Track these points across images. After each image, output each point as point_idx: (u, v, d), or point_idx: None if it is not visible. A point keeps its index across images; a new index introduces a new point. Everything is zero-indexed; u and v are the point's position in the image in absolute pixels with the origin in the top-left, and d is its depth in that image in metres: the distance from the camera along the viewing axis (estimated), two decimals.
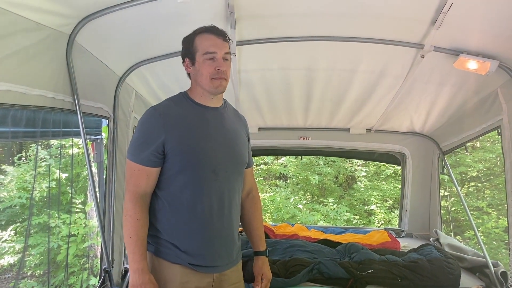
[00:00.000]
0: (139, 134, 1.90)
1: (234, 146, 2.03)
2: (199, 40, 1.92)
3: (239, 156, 2.04)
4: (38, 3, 1.89)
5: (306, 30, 2.75)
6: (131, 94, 3.31)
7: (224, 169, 1.95)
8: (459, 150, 7.00)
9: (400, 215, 4.90)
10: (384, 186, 12.18)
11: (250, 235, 2.28)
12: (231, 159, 1.99)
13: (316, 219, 10.97)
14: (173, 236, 1.89)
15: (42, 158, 9.52)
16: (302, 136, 4.67)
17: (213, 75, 1.89)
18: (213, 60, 1.89)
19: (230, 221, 1.99)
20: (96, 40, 2.51)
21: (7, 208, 9.47)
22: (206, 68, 1.89)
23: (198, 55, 1.91)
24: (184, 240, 1.89)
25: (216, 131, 1.97)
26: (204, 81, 1.91)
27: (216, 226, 1.93)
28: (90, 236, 9.03)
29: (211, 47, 1.89)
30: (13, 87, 1.85)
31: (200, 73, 1.92)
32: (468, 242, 10.08)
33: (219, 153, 1.94)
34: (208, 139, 1.93)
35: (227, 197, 1.96)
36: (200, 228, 1.90)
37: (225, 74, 1.91)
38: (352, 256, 3.37)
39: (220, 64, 1.88)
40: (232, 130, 2.04)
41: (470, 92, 3.22)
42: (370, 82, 3.39)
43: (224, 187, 1.95)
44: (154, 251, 1.91)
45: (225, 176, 1.95)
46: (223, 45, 1.91)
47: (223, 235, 1.96)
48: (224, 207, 1.95)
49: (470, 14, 2.32)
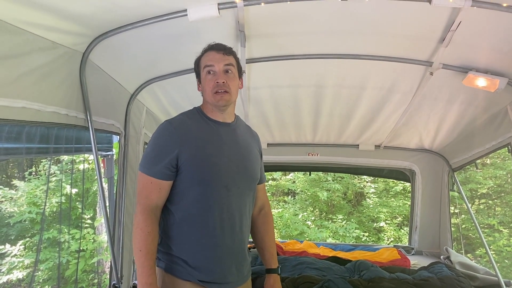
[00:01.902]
0: (153, 147, 1.89)
1: (246, 162, 2.02)
2: (202, 59, 1.97)
3: (251, 172, 2.04)
4: (54, 22, 1.95)
5: (315, 48, 2.78)
6: (142, 111, 3.35)
7: (236, 185, 1.93)
8: (469, 166, 6.95)
9: (410, 232, 4.85)
10: (393, 202, 12.08)
11: (262, 252, 2.25)
12: (243, 175, 1.98)
13: (325, 236, 10.88)
14: (183, 252, 1.87)
15: (53, 173, 9.61)
16: (311, 152, 4.67)
17: (214, 88, 1.90)
18: (213, 74, 1.91)
19: (241, 237, 1.97)
20: (109, 58, 2.56)
21: (17, 223, 9.53)
22: (207, 83, 1.92)
23: (202, 72, 1.96)
24: (194, 256, 1.86)
25: (229, 147, 1.97)
26: (208, 96, 1.93)
27: (227, 243, 1.91)
28: (98, 252, 9.03)
29: (209, 61, 1.92)
30: (29, 104, 1.89)
31: (204, 89, 1.96)
32: (479, 260, 9.93)
33: (231, 168, 1.93)
34: (221, 155, 1.92)
35: (238, 213, 1.95)
36: (211, 244, 1.88)
37: (226, 87, 1.90)
38: (362, 274, 3.33)
39: (218, 77, 1.90)
40: (244, 146, 2.05)
41: (480, 109, 3.21)
42: (379, 99, 3.40)
43: (235, 203, 1.93)
44: (164, 268, 1.89)
45: (237, 192, 1.94)
46: (222, 58, 1.92)
47: (234, 251, 1.94)
48: (236, 224, 1.93)
49: (478, 32, 2.33)
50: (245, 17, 2.28)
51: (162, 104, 3.49)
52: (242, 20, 2.30)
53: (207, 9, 2.15)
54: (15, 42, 1.79)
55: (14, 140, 1.97)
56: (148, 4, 2.11)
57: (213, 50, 1.95)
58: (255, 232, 2.22)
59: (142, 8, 2.14)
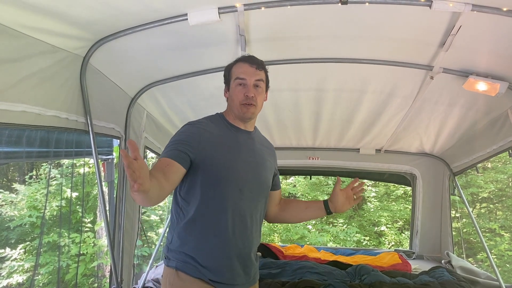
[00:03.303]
0: (172, 141, 1.90)
1: (261, 170, 2.07)
2: (234, 68, 2.03)
3: (264, 179, 2.08)
4: (54, 26, 1.95)
5: (315, 52, 2.78)
6: (143, 115, 3.35)
7: (250, 189, 1.97)
8: (470, 171, 6.94)
9: (411, 237, 4.84)
10: (394, 207, 12.06)
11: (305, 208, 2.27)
12: (257, 181, 2.03)
13: (326, 240, 10.87)
14: (194, 250, 1.89)
15: (53, 177, 9.61)
16: (311, 156, 4.67)
17: (243, 100, 1.96)
18: (243, 86, 1.97)
19: (251, 241, 2.00)
20: (109, 62, 2.57)
21: (17, 227, 9.53)
22: (236, 94, 1.98)
23: (232, 81, 2.01)
24: (205, 256, 1.88)
25: (246, 153, 2.02)
26: (235, 106, 2.00)
27: (237, 245, 1.93)
28: (99, 256, 9.02)
29: (242, 74, 1.98)
30: (29, 108, 1.90)
31: (231, 99, 2.01)
32: (480, 265, 9.89)
33: (246, 173, 1.97)
34: (238, 159, 1.98)
35: (250, 217, 1.98)
36: (222, 245, 1.90)
37: (254, 100, 1.97)
38: (363, 278, 3.32)
39: (248, 90, 1.96)
40: (260, 155, 2.10)
41: (480, 113, 3.21)
42: (379, 103, 3.40)
43: (248, 207, 1.97)
44: (175, 266, 1.90)
45: (250, 197, 1.97)
46: (255, 73, 1.99)
47: (243, 254, 1.96)
48: (247, 227, 1.96)
49: (478, 36, 2.33)
50: (246, 21, 2.29)
51: (163, 108, 3.49)
52: (242, 24, 2.30)
53: (207, 14, 2.15)
54: (16, 46, 1.79)
55: (15, 144, 1.97)
56: (148, 8, 2.11)
57: (247, 63, 2.01)
58: (285, 214, 2.28)
59: (142, 12, 2.14)
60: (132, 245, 3.30)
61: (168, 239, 1.97)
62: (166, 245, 1.98)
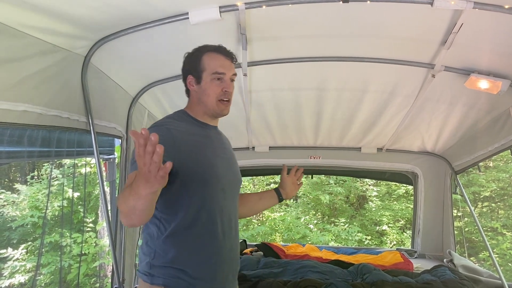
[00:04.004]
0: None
1: (234, 166, 1.98)
2: (207, 59, 1.86)
3: (238, 175, 1.99)
4: (55, 26, 1.95)
5: (317, 51, 2.78)
6: (144, 114, 3.35)
7: (230, 187, 1.88)
8: (472, 169, 6.92)
9: (413, 236, 4.83)
10: (396, 206, 12.05)
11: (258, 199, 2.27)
12: (235, 178, 1.94)
13: (327, 239, 10.85)
14: (185, 262, 1.72)
15: (55, 177, 9.62)
16: (313, 155, 4.66)
17: (220, 96, 1.84)
18: (221, 81, 1.85)
19: (236, 242, 1.90)
20: (110, 61, 2.57)
21: (19, 227, 9.55)
22: (213, 89, 1.84)
23: (206, 74, 1.85)
24: (198, 266, 1.73)
25: (220, 150, 1.92)
26: (210, 101, 1.85)
27: (227, 248, 1.82)
28: (100, 255, 9.03)
29: (221, 68, 1.84)
30: (30, 107, 1.90)
31: (206, 93, 1.86)
32: (483, 264, 9.88)
33: (225, 171, 1.86)
34: (215, 157, 1.85)
35: (234, 217, 1.88)
36: (216, 251, 1.78)
37: (230, 96, 1.89)
38: (364, 277, 3.32)
39: (227, 86, 1.85)
40: (229, 150, 2.01)
41: (482, 112, 3.21)
42: (380, 102, 3.40)
43: (230, 206, 1.86)
44: (163, 283, 1.71)
45: (231, 195, 1.88)
46: (231, 67, 1.88)
47: (231, 257, 1.85)
48: (232, 228, 1.85)
49: (480, 34, 2.33)
50: (247, 20, 2.28)
51: (164, 107, 3.49)
52: (243, 23, 2.29)
53: (208, 12, 2.15)
54: (16, 45, 1.79)
55: (16, 144, 1.97)
56: (150, 7, 2.11)
57: (221, 55, 1.87)
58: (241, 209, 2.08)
59: (144, 11, 2.14)
60: (134, 245, 3.31)
61: (148, 255, 1.74)
62: (147, 262, 1.74)
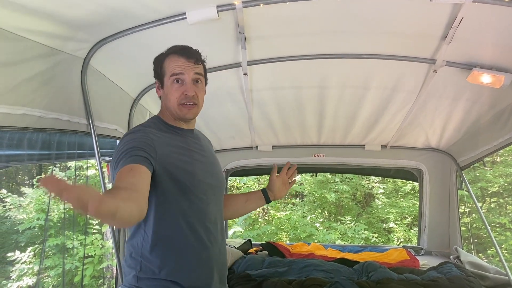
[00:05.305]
0: (124, 148, 1.58)
1: (215, 168, 1.91)
2: (168, 62, 1.78)
3: (220, 177, 1.93)
4: (53, 29, 1.95)
5: (317, 48, 2.77)
6: (145, 115, 3.35)
7: (213, 191, 1.81)
8: (478, 165, 6.87)
9: (419, 233, 4.80)
10: (403, 203, 11.98)
11: (245, 201, 2.19)
12: (216, 181, 1.86)
13: (334, 238, 10.81)
14: (175, 272, 1.65)
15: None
16: (316, 153, 4.64)
17: (181, 100, 1.75)
18: (180, 84, 1.75)
19: (224, 246, 1.86)
20: (110, 63, 2.57)
21: (26, 230, 9.61)
22: (173, 93, 1.76)
23: (166, 78, 1.78)
24: (188, 275, 1.67)
25: (198, 153, 1.83)
26: (172, 106, 1.77)
27: (215, 253, 1.77)
28: (107, 257, 9.07)
29: (178, 68, 1.75)
30: (29, 111, 1.90)
31: (168, 98, 1.78)
32: (491, 260, 9.80)
33: (205, 175, 1.79)
34: (194, 161, 1.77)
35: (219, 221, 1.84)
36: (205, 257, 1.72)
37: (195, 99, 1.77)
38: (370, 275, 3.30)
39: (187, 89, 1.74)
40: (209, 152, 1.94)
41: (485, 106, 3.17)
42: (383, 98, 3.38)
43: (214, 211, 1.81)
44: None
45: (214, 199, 1.82)
46: (192, 67, 1.77)
47: (220, 262, 1.81)
48: (218, 232, 1.81)
49: (481, 28, 2.30)
50: (245, 18, 2.27)
51: None
52: (241, 22, 2.29)
53: (206, 12, 2.14)
54: (15, 49, 1.79)
55: (16, 147, 1.97)
56: (147, 8, 2.10)
57: (182, 56, 1.76)
58: (227, 210, 2.05)
59: (141, 12, 2.13)
60: None
61: (134, 268, 1.67)
62: (133, 275, 1.66)
